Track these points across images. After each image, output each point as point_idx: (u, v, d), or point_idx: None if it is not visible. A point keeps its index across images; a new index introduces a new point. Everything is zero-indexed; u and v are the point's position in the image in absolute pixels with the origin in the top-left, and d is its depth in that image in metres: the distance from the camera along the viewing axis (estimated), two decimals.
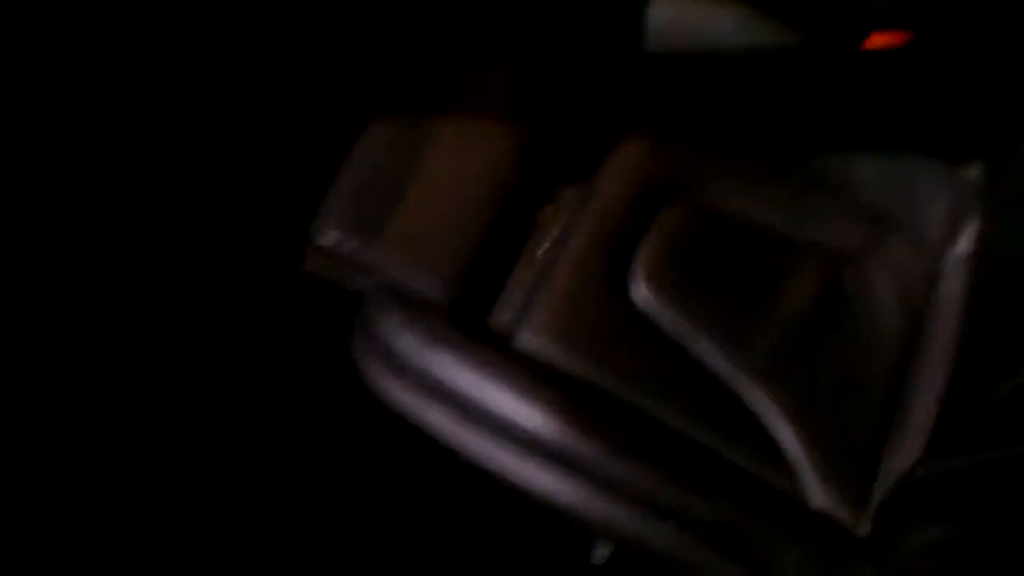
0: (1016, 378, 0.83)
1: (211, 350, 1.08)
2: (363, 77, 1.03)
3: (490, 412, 0.86)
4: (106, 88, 1.02)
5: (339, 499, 1.08)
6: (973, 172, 1.02)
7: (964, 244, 1.00)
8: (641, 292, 0.94)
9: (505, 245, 0.98)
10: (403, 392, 0.89)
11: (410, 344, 0.88)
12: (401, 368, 0.89)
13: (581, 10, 1.08)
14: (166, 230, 1.05)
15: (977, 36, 1.07)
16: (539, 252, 0.99)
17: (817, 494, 0.89)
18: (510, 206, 0.98)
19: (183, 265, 1.07)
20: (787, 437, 0.90)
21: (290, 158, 1.07)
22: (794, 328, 0.95)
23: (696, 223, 0.97)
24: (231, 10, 1.05)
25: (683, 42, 1.03)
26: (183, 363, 1.08)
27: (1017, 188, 0.95)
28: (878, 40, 1.02)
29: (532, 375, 0.87)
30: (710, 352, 0.92)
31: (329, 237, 0.94)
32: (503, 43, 1.04)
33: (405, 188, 0.95)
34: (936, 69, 1.05)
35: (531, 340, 0.91)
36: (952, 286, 0.98)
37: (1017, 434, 0.81)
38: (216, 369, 1.08)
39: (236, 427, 1.08)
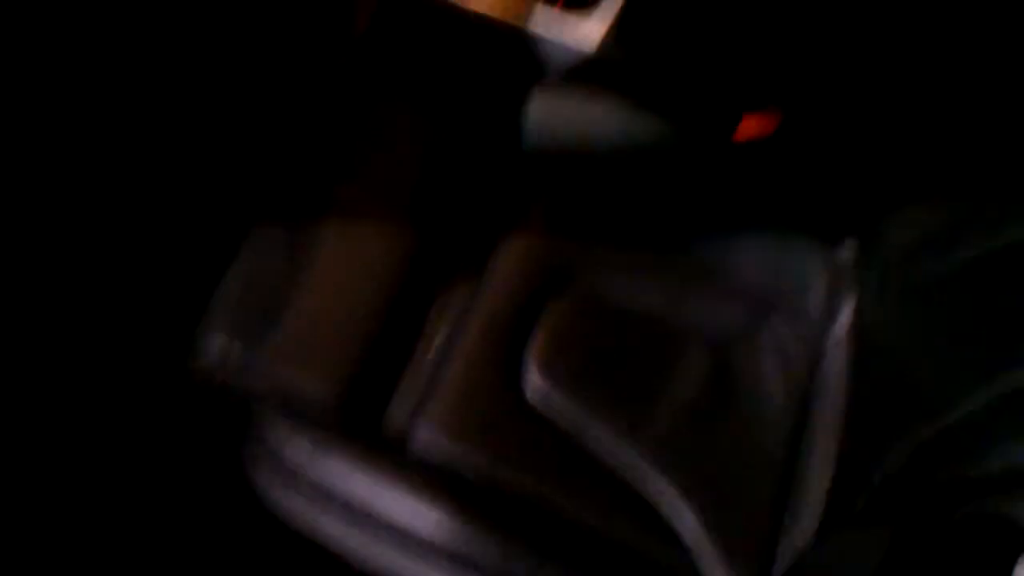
0: (901, 449, 0.86)
1: (98, 463, 1.03)
2: (246, 183, 1.02)
3: (384, 518, 0.85)
4: None
5: None
6: (846, 251, 1.07)
7: (843, 322, 1.03)
8: (534, 385, 0.94)
9: (395, 345, 0.98)
10: (294, 502, 0.88)
11: (299, 452, 0.87)
12: (292, 477, 0.87)
13: (463, 110, 1.10)
14: (44, 345, 1.02)
15: (842, 117, 1.13)
16: (430, 351, 0.99)
17: (718, 574, 0.90)
18: (399, 306, 0.98)
19: (67, 378, 1.03)
20: (686, 520, 0.91)
21: (174, 266, 1.05)
22: (686, 412, 0.96)
23: (584, 314, 0.99)
24: (120, 114, 1.04)
25: (562, 138, 1.06)
26: (69, 477, 1.03)
27: (883, 268, 0.99)
28: (749, 130, 1.07)
29: (425, 478, 0.86)
30: (605, 441, 0.93)
31: (214, 346, 0.93)
32: (387, 144, 1.06)
33: (291, 292, 0.95)
34: (805, 154, 1.10)
35: (425, 439, 0.91)
36: (834, 362, 1.01)
37: (907, 508, 0.83)
38: (103, 483, 1.03)
39: (125, 541, 1.03)
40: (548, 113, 1.05)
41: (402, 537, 0.86)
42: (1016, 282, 0.85)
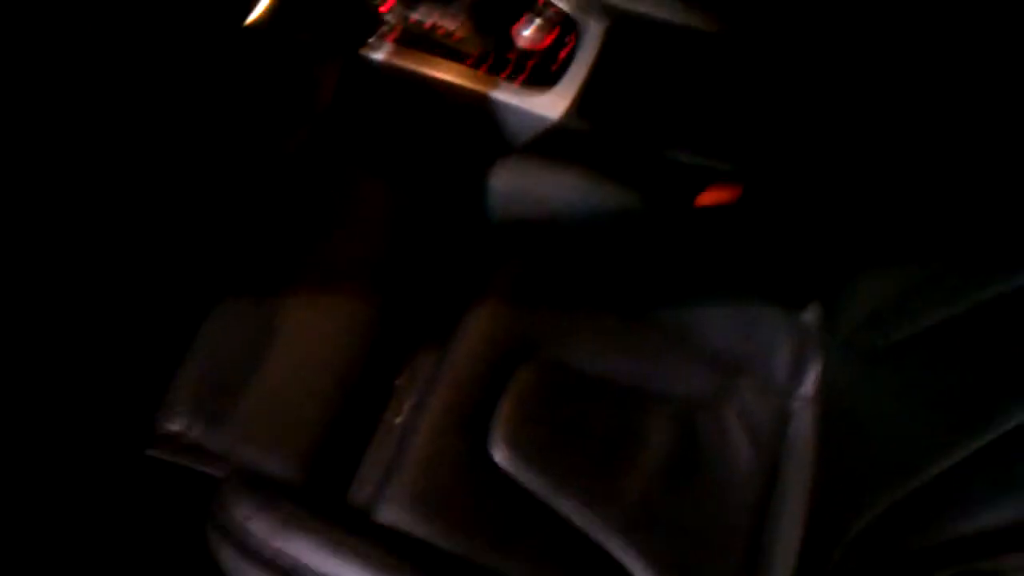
0: (872, 511, 0.86)
1: (58, 546, 1.01)
2: (211, 258, 1.02)
3: None
4: None
5: None
6: (811, 315, 1.07)
7: (809, 385, 1.04)
8: (501, 454, 0.94)
9: (361, 417, 0.98)
10: None
11: (264, 528, 0.85)
12: (256, 553, 0.86)
13: (429, 180, 1.12)
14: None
15: (804, 183, 1.14)
16: (396, 422, 0.99)
17: None
18: (364, 378, 0.98)
19: (26, 452, 1.01)
20: None
21: (137, 341, 1.05)
22: (655, 478, 0.96)
23: (551, 381, 0.99)
24: (92, 183, 1.04)
25: (527, 207, 1.07)
26: (33, 556, 1.01)
27: (848, 331, 1.00)
28: (711, 197, 1.09)
29: (389, 553, 0.85)
30: (574, 508, 0.93)
31: (177, 423, 0.92)
32: (353, 214, 1.07)
33: (254, 367, 0.95)
34: (770, 220, 1.12)
35: (391, 512, 0.90)
36: (801, 425, 1.02)
37: (881, 572, 0.82)
38: (68, 562, 1.02)
39: None
40: (513, 183, 1.07)
41: None
42: (976, 346, 0.86)
